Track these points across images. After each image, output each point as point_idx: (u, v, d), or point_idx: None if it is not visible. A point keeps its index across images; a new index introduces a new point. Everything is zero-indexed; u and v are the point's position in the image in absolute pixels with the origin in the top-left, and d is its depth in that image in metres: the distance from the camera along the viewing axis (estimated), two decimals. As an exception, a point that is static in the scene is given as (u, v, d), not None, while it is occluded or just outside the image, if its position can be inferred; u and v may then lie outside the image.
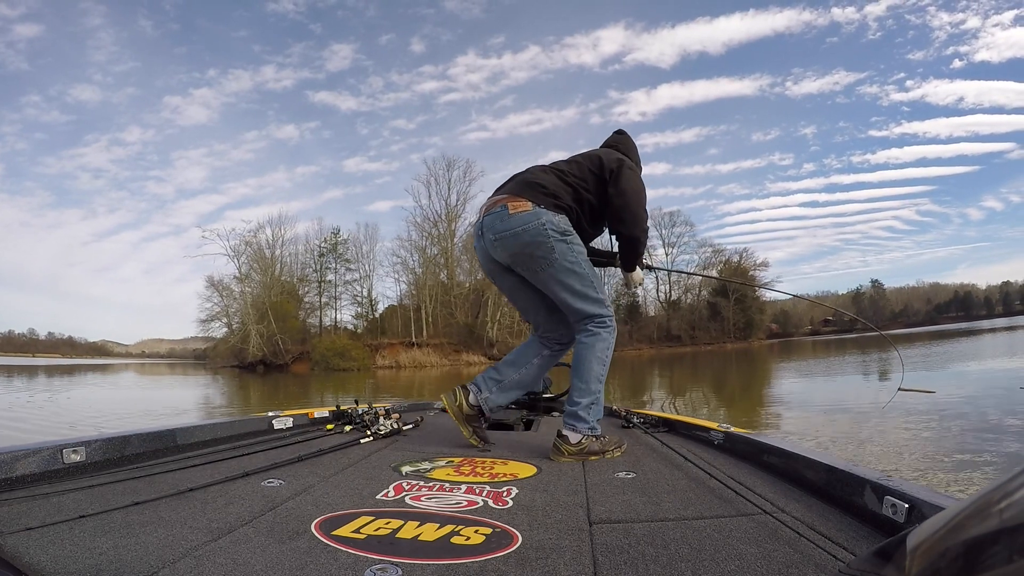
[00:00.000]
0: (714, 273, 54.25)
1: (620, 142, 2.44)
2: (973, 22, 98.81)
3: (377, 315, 49.06)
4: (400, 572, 0.96)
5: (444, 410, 2.47)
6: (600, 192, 2.17)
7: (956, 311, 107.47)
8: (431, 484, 1.60)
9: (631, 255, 2.30)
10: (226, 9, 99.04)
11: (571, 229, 2.10)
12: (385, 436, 2.34)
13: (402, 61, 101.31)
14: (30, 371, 33.53)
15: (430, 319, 44.60)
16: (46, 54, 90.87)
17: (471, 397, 2.21)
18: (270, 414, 2.47)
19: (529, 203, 2.05)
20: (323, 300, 49.17)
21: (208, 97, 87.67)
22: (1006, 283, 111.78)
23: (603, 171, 2.15)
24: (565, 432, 2.04)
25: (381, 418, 2.45)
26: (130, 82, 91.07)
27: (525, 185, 2.11)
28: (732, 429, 2.08)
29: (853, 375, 13.59)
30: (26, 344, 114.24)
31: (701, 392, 11.98)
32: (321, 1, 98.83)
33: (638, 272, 2.46)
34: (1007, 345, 20.56)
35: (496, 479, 1.67)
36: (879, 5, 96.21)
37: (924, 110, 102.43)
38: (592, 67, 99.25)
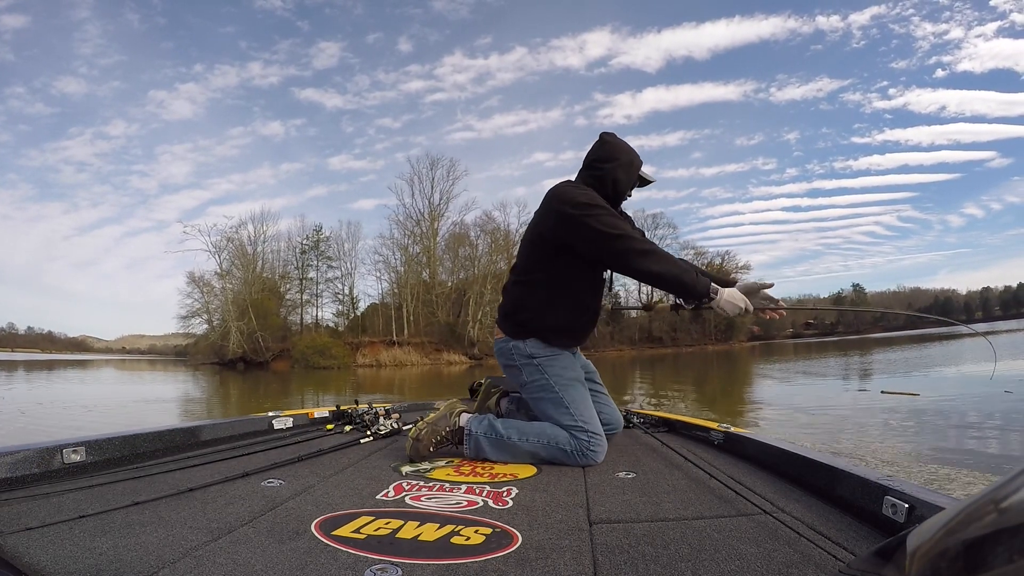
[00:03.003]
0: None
1: (596, 152, 2.13)
2: (956, 33, 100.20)
3: (358, 313, 48.62)
4: (400, 572, 0.96)
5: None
6: (550, 257, 2.03)
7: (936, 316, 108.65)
8: (431, 484, 1.60)
9: (670, 288, 1.90)
10: (214, 5, 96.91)
11: (540, 351, 2.05)
12: (385, 436, 2.33)
13: (389, 60, 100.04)
14: (8, 366, 32.71)
15: (411, 318, 44.30)
16: (32, 45, 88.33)
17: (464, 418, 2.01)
18: (270, 414, 2.46)
19: (502, 332, 2.16)
20: (304, 298, 48.69)
21: (194, 92, 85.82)
22: (986, 289, 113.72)
23: (545, 242, 2.03)
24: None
25: (381, 418, 2.44)
26: (115, 75, 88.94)
27: (500, 315, 2.19)
28: (732, 429, 2.07)
29: (836, 378, 13.68)
30: (5, 339, 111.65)
31: (682, 393, 12.02)
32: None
33: (722, 295, 1.89)
34: (987, 349, 20.86)
35: (496, 479, 1.68)
36: (863, 14, 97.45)
37: (906, 118, 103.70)
38: (578, 69, 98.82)
